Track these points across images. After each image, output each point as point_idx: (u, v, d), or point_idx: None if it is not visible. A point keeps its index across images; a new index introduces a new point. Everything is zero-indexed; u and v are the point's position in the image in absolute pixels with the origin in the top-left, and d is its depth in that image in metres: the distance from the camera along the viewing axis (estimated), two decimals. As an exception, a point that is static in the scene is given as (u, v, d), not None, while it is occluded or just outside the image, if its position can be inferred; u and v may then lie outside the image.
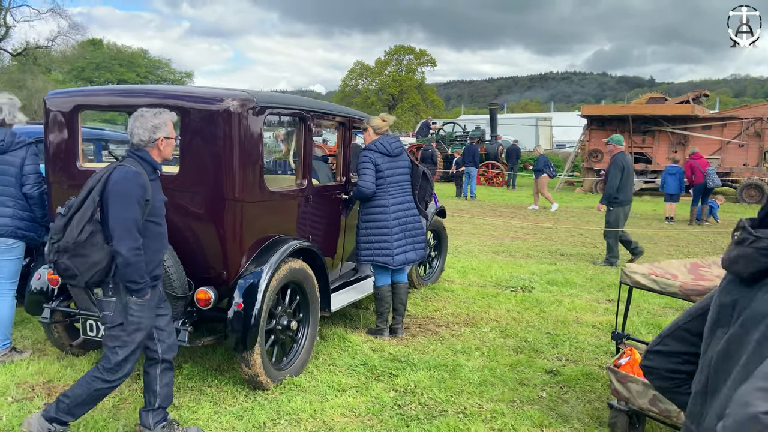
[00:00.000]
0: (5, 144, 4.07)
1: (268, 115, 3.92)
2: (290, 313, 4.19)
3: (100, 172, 3.00)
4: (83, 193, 2.93)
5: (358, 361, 4.46)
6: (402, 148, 5.07)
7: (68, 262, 2.84)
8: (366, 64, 66.12)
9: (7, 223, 4.10)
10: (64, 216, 2.88)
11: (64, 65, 61.89)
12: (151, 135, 3.06)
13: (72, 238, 2.81)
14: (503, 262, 8.58)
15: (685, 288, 3.27)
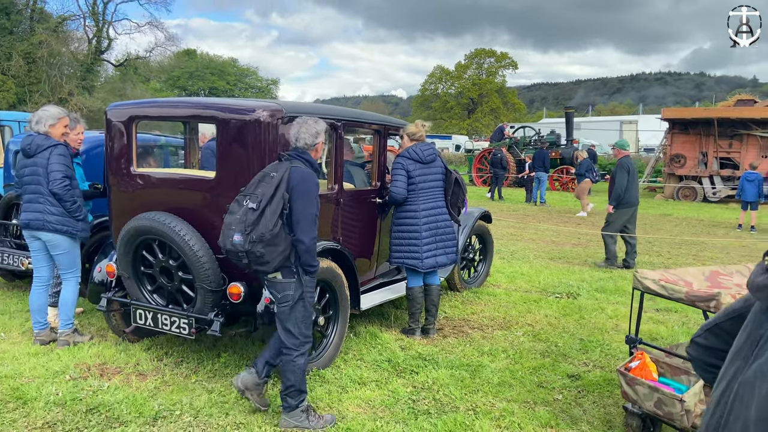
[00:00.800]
0: (33, 147, 4.59)
1: (296, 125, 4.22)
2: (319, 309, 4.47)
3: (276, 173, 3.40)
4: (268, 190, 3.31)
5: (384, 358, 4.68)
6: (435, 155, 5.24)
7: (263, 251, 3.26)
8: (446, 68, 66.15)
9: (38, 218, 4.58)
10: (255, 210, 3.27)
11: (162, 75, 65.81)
12: (313, 139, 3.56)
13: (267, 230, 3.24)
14: (556, 268, 8.52)
15: (690, 295, 3.28)
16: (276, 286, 3.45)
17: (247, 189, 3.43)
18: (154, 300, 4.38)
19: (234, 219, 3.31)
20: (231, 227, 3.29)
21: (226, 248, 3.34)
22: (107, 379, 4.13)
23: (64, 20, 44.74)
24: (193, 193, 4.24)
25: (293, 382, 3.49)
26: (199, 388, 4.05)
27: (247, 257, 3.28)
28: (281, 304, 3.46)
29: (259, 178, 3.43)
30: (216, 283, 4.04)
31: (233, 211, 3.36)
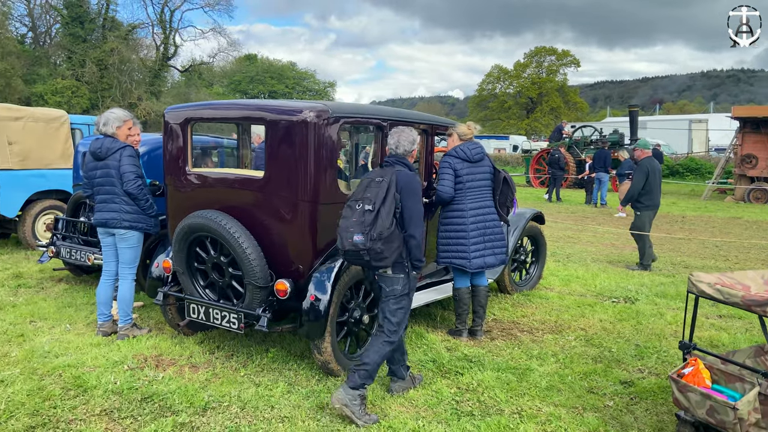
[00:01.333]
0: (103, 150, 4.81)
1: (343, 125, 4.27)
2: (364, 307, 4.50)
3: (382, 177, 3.70)
4: (380, 192, 3.61)
5: (429, 358, 4.67)
6: (483, 154, 5.19)
7: (382, 247, 3.55)
8: (504, 68, 65.28)
9: (115, 217, 4.81)
10: (372, 211, 3.57)
11: (224, 79, 67.83)
12: (411, 146, 3.93)
13: (384, 228, 3.55)
14: (614, 272, 8.27)
15: (746, 299, 3.13)
16: (386, 280, 3.77)
17: (355, 195, 3.74)
18: (207, 295, 4.52)
19: (351, 222, 3.61)
20: (349, 229, 3.59)
21: (346, 248, 3.61)
22: (162, 370, 4.29)
23: (134, 28, 46.75)
24: (244, 192, 4.35)
25: (371, 362, 3.70)
26: (247, 381, 4.15)
27: (369, 254, 3.56)
28: (386, 297, 3.78)
29: (366, 183, 3.74)
30: (264, 279, 4.13)
31: (347, 216, 3.66)
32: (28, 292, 6.39)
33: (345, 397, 3.61)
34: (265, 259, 4.20)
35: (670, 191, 23.28)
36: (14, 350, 4.63)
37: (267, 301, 4.19)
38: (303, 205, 4.12)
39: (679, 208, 17.36)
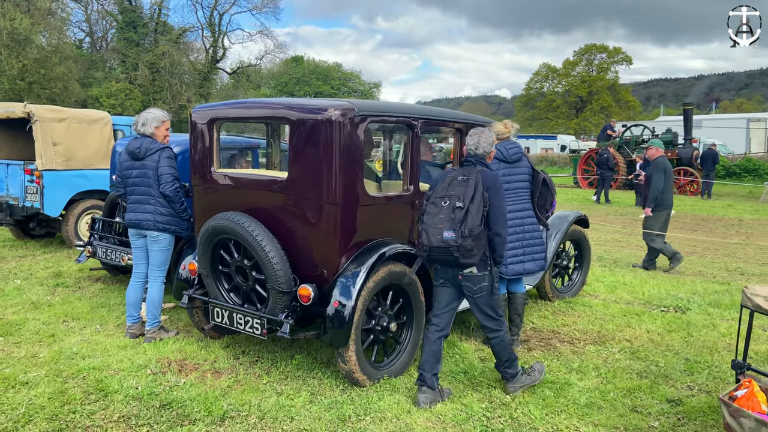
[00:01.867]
0: (142, 150, 4.75)
1: (369, 123, 4.09)
2: (391, 315, 4.31)
3: (466, 176, 3.77)
4: (468, 191, 3.68)
5: (460, 369, 4.44)
6: (521, 154, 4.93)
7: (472, 244, 3.61)
8: (552, 66, 64.02)
9: (149, 218, 4.76)
10: (462, 209, 3.63)
11: (271, 81, 68.83)
12: (490, 148, 4.03)
13: (474, 225, 3.61)
14: (664, 278, 7.83)
15: None
16: (472, 279, 3.82)
17: (437, 192, 3.78)
18: (231, 299, 4.41)
19: (439, 218, 3.66)
20: (438, 225, 3.65)
21: (434, 245, 3.66)
22: (184, 375, 4.20)
23: (184, 32, 47.82)
24: (268, 194, 4.22)
25: (507, 356, 4.01)
26: (269, 389, 4.02)
27: (458, 251, 3.60)
28: (477, 295, 3.86)
29: (448, 181, 3.79)
30: (287, 284, 3.99)
31: (432, 213, 3.71)
32: (65, 291, 6.45)
33: (516, 386, 4.06)
34: (289, 263, 4.07)
35: (726, 193, 22.25)
36: (43, 351, 4.63)
37: (290, 307, 4.04)
38: (328, 208, 3.96)
39: (735, 211, 16.53)
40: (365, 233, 4.17)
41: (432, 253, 3.72)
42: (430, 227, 3.68)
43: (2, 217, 8.64)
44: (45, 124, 8.22)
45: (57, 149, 8.43)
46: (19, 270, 7.33)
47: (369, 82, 75.68)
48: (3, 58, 35.75)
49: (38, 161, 8.17)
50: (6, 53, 35.87)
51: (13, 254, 8.33)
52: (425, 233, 3.70)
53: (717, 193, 20.87)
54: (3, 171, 8.65)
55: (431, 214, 3.72)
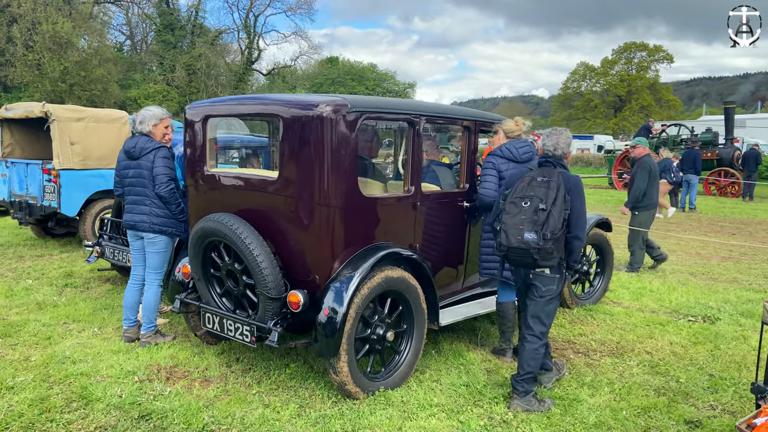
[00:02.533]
0: (137, 150, 4.61)
1: (364, 120, 3.86)
2: (389, 323, 4.07)
3: (546, 177, 3.71)
4: (550, 193, 3.63)
5: (462, 381, 4.18)
6: (532, 154, 4.64)
7: (552, 247, 3.58)
8: (590, 65, 62.76)
9: (144, 220, 4.62)
10: (545, 211, 3.59)
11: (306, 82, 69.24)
12: (568, 148, 3.93)
13: (556, 228, 3.57)
14: (695, 285, 7.39)
15: None
16: (543, 279, 3.76)
17: (516, 191, 3.73)
18: (223, 304, 4.24)
19: (519, 219, 3.62)
20: (518, 226, 3.61)
21: (513, 245, 3.62)
22: (172, 384, 4.04)
23: (220, 34, 48.44)
24: (259, 195, 4.03)
25: (532, 368, 3.82)
26: (257, 400, 3.83)
27: (539, 253, 3.57)
28: (541, 297, 3.79)
29: (527, 181, 3.74)
30: (276, 290, 3.79)
31: (512, 213, 3.67)
32: (72, 292, 6.40)
33: (523, 404, 3.79)
34: (281, 268, 3.88)
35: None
36: (37, 354, 4.54)
37: (280, 314, 3.84)
38: (320, 210, 3.74)
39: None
40: (360, 237, 3.95)
41: (509, 253, 3.68)
42: (510, 227, 3.64)
43: (21, 216, 8.70)
44: (63, 124, 8.23)
45: (74, 149, 8.43)
46: (33, 269, 7.34)
47: (404, 83, 75.38)
48: (45, 61, 36.73)
49: (55, 161, 8.18)
50: (48, 56, 36.85)
51: (31, 253, 8.37)
52: (504, 233, 3.67)
53: (759, 195, 19.96)
54: (23, 170, 8.71)
55: (511, 214, 3.67)
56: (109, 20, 48.54)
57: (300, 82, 68.91)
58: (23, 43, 36.69)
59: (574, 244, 3.74)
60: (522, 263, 3.74)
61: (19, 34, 36.52)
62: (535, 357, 3.82)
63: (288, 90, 63.21)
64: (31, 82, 37.45)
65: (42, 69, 36.99)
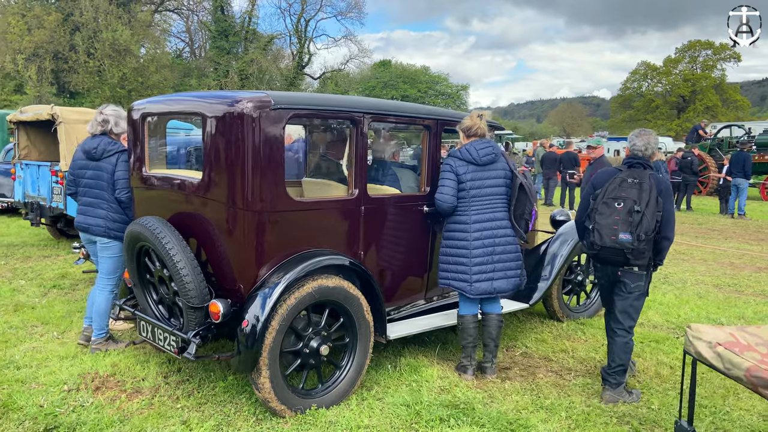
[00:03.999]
0: (98, 151, 4.50)
1: (292, 118, 3.61)
2: (325, 335, 3.80)
3: (637, 179, 3.78)
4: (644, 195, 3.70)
5: (405, 401, 3.85)
6: (495, 155, 4.27)
7: (645, 247, 3.72)
8: (652, 64, 60.38)
9: (100, 224, 4.52)
10: (639, 212, 3.67)
11: (359, 85, 69.59)
12: (656, 147, 4.00)
13: (650, 229, 3.67)
14: (713, 298, 6.78)
15: (751, 374, 2.04)
16: (631, 276, 3.86)
17: (608, 192, 3.79)
18: (160, 311, 4.08)
19: (613, 219, 3.71)
20: (612, 227, 3.69)
21: (606, 245, 3.72)
22: (99, 394, 3.88)
23: (272, 39, 49.23)
24: (186, 197, 3.85)
25: (624, 361, 3.93)
26: (176, 416, 3.62)
27: (632, 253, 3.69)
28: (630, 293, 3.90)
29: (618, 183, 3.81)
30: (198, 299, 3.58)
31: (605, 213, 3.74)
32: (56, 293, 6.42)
33: (615, 396, 3.92)
34: (211, 276, 3.68)
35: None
36: (-12, 358, 4.51)
37: (203, 324, 3.64)
38: (241, 214, 3.51)
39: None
40: (290, 243, 3.69)
41: (602, 252, 3.79)
42: (603, 227, 3.72)
43: (33, 217, 8.89)
44: (69, 126, 8.34)
45: (82, 152, 8.53)
46: (32, 270, 7.44)
47: (456, 85, 74.79)
48: (105, 68, 38.26)
49: (62, 162, 8.29)
50: (108, 63, 38.36)
51: (39, 254, 8.53)
52: (597, 233, 3.75)
53: None
54: (35, 172, 8.90)
55: (604, 215, 3.75)
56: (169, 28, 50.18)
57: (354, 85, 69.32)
58: (85, 51, 38.30)
59: (664, 244, 3.83)
60: (614, 262, 3.84)
61: (81, 42, 38.12)
62: (626, 350, 3.93)
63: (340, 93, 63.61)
64: (92, 88, 39.03)
65: (102, 75, 38.51)
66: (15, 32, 36.53)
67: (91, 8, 38.43)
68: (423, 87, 70.57)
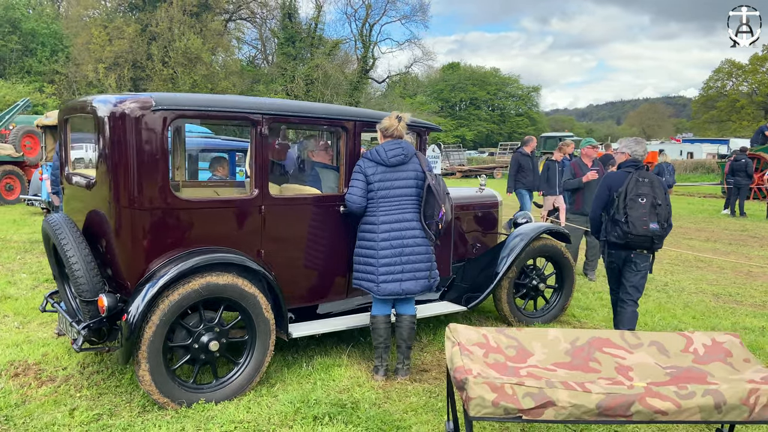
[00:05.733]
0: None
1: (177, 119, 3.72)
2: (218, 332, 3.88)
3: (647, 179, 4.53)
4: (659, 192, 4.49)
5: (293, 398, 3.86)
6: (406, 156, 4.21)
7: (665, 234, 4.52)
8: (737, 62, 56.92)
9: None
10: (661, 205, 4.47)
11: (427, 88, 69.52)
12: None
13: (669, 218, 4.52)
14: (700, 308, 6.36)
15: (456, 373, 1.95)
16: (641, 257, 4.64)
17: (631, 191, 4.49)
18: (76, 304, 4.29)
19: (642, 212, 4.44)
20: (643, 218, 4.44)
21: (639, 233, 4.44)
22: (13, 381, 4.11)
23: (338, 44, 50.04)
24: (88, 195, 4.03)
25: (632, 326, 4.69)
26: (69, 404, 3.76)
27: (659, 239, 4.51)
28: (639, 271, 4.67)
29: (634, 182, 4.51)
30: (90, 292, 3.75)
31: (635, 207, 4.46)
32: (46, 287, 6.81)
33: None
34: (99, 271, 3.85)
35: None
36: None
37: (96, 317, 3.80)
38: (125, 212, 3.65)
39: None
40: (176, 241, 3.78)
41: (632, 239, 4.49)
42: (636, 219, 4.43)
43: (54, 216, 9.51)
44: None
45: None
46: (38, 264, 7.95)
47: (528, 86, 73.37)
48: (178, 75, 40.21)
49: (75, 165, 8.84)
50: (180, 70, 40.28)
51: (56, 250, 9.09)
52: (631, 224, 4.44)
53: None
54: (57, 174, 9.52)
55: (634, 209, 4.46)
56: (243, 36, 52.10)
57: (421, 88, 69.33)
58: (160, 59, 40.35)
59: (668, 231, 4.55)
60: (640, 246, 4.56)
61: (156, 51, 40.18)
62: (634, 317, 4.73)
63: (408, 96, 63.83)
64: (164, 95, 40.99)
65: (175, 82, 40.43)
66: (97, 43, 38.93)
67: (166, 18, 40.41)
68: (492, 89, 69.64)
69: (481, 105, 70.25)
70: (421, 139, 4.95)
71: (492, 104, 72.70)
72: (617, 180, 4.64)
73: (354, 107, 4.92)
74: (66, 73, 39.47)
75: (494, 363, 2.79)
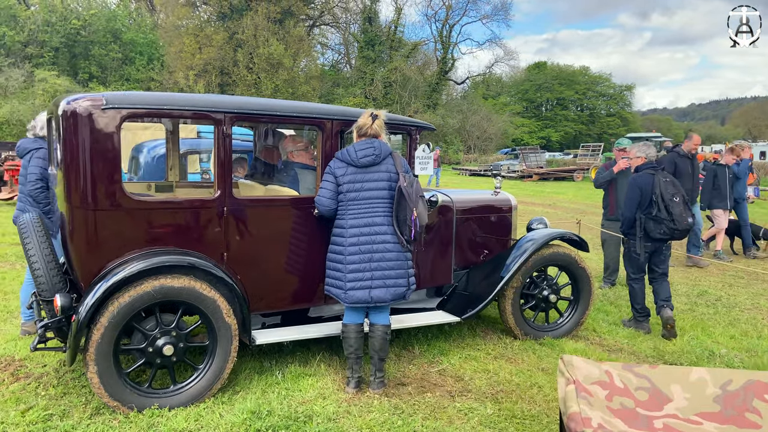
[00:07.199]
0: (20, 150, 4.88)
1: (128, 118, 3.64)
2: (176, 336, 3.77)
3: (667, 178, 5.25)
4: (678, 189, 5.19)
5: (247, 409, 3.67)
6: (378, 156, 3.92)
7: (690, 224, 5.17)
8: None
9: (17, 215, 4.80)
10: (686, 202, 5.14)
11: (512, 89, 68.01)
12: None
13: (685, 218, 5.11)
14: (747, 327, 5.65)
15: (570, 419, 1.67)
16: (668, 246, 5.38)
17: (666, 192, 5.11)
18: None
19: (681, 209, 5.08)
20: (682, 214, 5.06)
21: (683, 228, 5.11)
22: (-6, 376, 4.22)
23: (417, 46, 49.88)
24: (59, 193, 4.04)
25: (669, 294, 5.39)
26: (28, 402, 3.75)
27: (691, 230, 5.84)
28: (667, 257, 5.42)
29: (662, 183, 5.14)
30: (49, 292, 3.75)
31: (674, 205, 5.07)
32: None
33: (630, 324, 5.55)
34: (64, 272, 3.84)
35: None
36: None
37: (55, 317, 3.79)
38: (77, 212, 3.60)
39: None
40: (132, 242, 3.70)
41: (676, 234, 5.14)
42: (678, 216, 5.05)
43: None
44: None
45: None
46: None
47: (620, 85, 69.98)
48: (261, 81, 41.46)
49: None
50: (263, 75, 41.52)
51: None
52: (676, 221, 5.05)
53: None
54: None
55: (675, 206, 5.06)
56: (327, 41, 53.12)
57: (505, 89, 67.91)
58: (245, 66, 41.77)
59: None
60: (680, 238, 5.28)
61: (242, 58, 41.62)
62: (668, 287, 5.40)
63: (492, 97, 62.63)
64: (249, 99, 42.42)
65: (258, 87, 41.71)
66: (188, 51, 40.84)
67: (251, 26, 41.77)
68: (581, 88, 66.94)
69: (568, 105, 67.78)
70: (411, 138, 4.66)
71: (581, 104, 69.98)
72: (645, 181, 5.22)
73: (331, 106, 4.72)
74: (161, 80, 41.60)
75: (620, 409, 2.25)
